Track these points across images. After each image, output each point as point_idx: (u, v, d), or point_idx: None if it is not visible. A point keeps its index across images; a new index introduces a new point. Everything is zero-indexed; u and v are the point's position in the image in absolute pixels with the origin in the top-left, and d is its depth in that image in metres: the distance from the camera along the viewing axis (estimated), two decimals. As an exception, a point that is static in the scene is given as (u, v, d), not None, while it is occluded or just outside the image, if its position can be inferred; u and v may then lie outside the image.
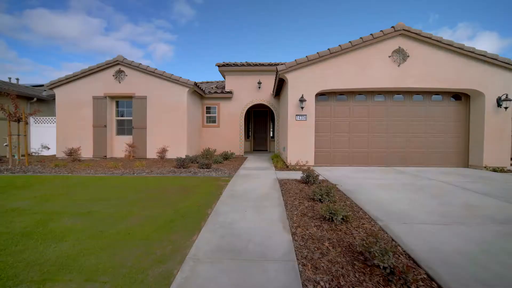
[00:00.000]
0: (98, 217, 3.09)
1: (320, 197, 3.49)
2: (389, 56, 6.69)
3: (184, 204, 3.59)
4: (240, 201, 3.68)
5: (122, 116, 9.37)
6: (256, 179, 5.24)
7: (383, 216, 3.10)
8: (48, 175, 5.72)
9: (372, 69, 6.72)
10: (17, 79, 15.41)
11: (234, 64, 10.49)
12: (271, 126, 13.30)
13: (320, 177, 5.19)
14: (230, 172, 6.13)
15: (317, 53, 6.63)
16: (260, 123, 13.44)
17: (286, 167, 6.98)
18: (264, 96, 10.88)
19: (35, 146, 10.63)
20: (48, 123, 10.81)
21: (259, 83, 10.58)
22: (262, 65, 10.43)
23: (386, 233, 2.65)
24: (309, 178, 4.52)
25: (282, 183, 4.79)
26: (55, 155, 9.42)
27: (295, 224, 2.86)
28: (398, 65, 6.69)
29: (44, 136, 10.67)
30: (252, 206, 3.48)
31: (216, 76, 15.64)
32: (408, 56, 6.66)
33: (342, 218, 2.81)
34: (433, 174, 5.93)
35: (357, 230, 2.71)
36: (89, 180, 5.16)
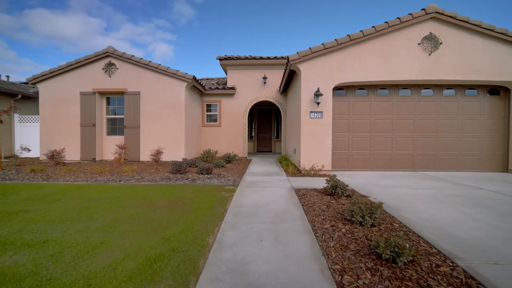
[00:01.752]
0: (55, 251, 2.18)
1: (361, 219, 2.58)
2: (419, 44, 5.77)
3: (177, 227, 2.68)
4: (252, 223, 2.77)
5: (114, 114, 8.46)
6: (267, 189, 4.32)
7: (456, 249, 2.19)
8: (18, 183, 4.81)
9: (399, 59, 5.80)
10: (7, 76, 14.61)
11: (237, 57, 9.58)
12: (276, 125, 12.39)
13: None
14: (235, 178, 5.22)
15: (335, 40, 5.72)
16: (264, 122, 12.52)
17: (298, 172, 6.07)
18: (270, 92, 9.96)
19: (20, 147, 9.73)
20: (35, 122, 9.90)
21: (264, 78, 9.66)
22: (268, 58, 9.51)
23: (481, 284, 1.73)
24: (336, 190, 3.60)
25: (301, 195, 3.87)
26: (39, 157, 8.51)
27: (337, 266, 1.94)
28: (429, 54, 5.77)
29: (31, 136, 9.77)
30: (269, 231, 2.57)
31: (218, 75, 14.78)
32: (441, 43, 5.74)
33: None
34: (474, 181, 5.01)
35: (433, 277, 1.80)
36: (65, 190, 4.25)
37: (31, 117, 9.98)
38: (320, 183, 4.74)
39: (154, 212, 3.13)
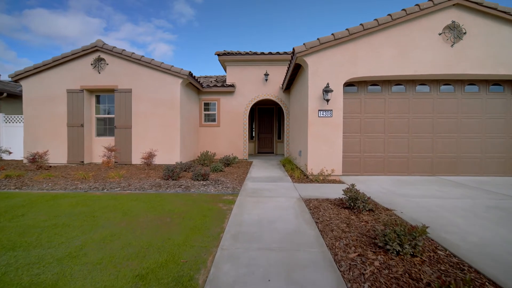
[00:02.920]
0: (-16, 300, 1.57)
1: (399, 247, 1.97)
2: (440, 34, 5.17)
3: (159, 257, 2.07)
4: (255, 250, 2.16)
5: (104, 113, 7.84)
6: (272, 199, 3.71)
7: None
8: (-14, 191, 4.20)
9: (417, 51, 5.20)
10: (-2, 75, 14.08)
11: (236, 52, 8.97)
12: (277, 125, 11.79)
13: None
14: (234, 185, 4.61)
15: (347, 29, 5.11)
16: (265, 122, 11.92)
17: (305, 177, 5.46)
18: (272, 90, 9.35)
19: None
20: (22, 122, 9.28)
21: (266, 74, 9.05)
22: (270, 53, 8.90)
23: None
24: (356, 203, 2.99)
25: (312, 208, 3.26)
26: (22, 160, 7.90)
27: (382, 330, 1.33)
28: (451, 45, 5.16)
29: (17, 137, 9.13)
30: (278, 263, 1.96)
31: (218, 75, 13.96)
32: (465, 33, 5.14)
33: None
34: (507, 189, 4.41)
35: None
36: (35, 201, 3.64)
37: (18, 117, 9.36)
38: (332, 191, 4.14)
39: (134, 234, 2.52)
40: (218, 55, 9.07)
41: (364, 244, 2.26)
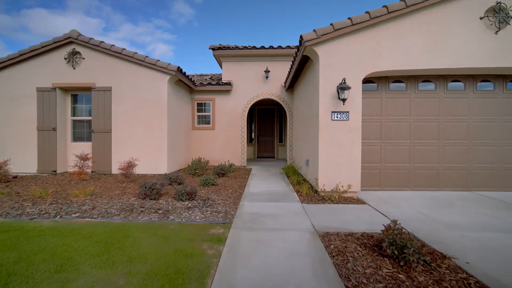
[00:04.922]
0: None
1: None
2: (481, 18, 4.20)
3: None
4: None
5: (83, 115, 6.84)
6: (277, 235, 2.73)
7: None
8: None
9: (453, 39, 4.23)
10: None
11: (234, 47, 7.99)
12: (279, 127, 10.82)
13: (385, 220, 2.50)
14: (227, 208, 3.62)
15: (367, 12, 4.14)
16: (266, 124, 10.95)
17: (315, 193, 4.48)
18: (273, 89, 8.38)
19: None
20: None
21: (267, 71, 8.07)
22: (271, 48, 7.91)
23: None
24: (405, 252, 2.00)
25: (335, 254, 2.28)
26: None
27: None
28: (496, 32, 4.19)
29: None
30: None
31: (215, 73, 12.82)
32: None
33: None
34: None
35: None
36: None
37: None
38: (354, 218, 3.17)
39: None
40: (213, 49, 8.09)
41: None
